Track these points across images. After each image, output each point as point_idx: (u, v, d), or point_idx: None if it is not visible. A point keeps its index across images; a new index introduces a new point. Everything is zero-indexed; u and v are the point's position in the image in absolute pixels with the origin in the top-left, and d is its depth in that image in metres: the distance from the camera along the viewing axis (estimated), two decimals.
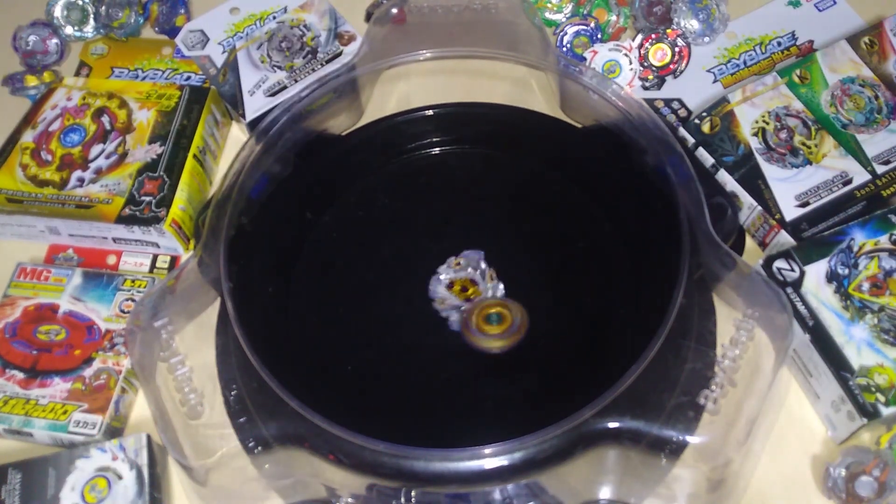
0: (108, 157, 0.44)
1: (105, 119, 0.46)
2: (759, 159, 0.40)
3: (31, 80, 0.50)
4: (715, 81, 0.46)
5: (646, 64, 0.46)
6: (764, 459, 0.34)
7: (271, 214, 0.38)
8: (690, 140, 0.42)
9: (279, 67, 0.47)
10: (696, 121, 0.42)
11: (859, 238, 0.37)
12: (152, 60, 0.50)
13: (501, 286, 0.35)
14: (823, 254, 0.37)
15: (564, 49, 0.48)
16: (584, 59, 0.47)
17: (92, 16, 0.52)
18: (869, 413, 0.33)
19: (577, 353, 0.34)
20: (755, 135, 0.41)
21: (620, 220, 0.37)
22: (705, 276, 0.33)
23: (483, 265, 0.36)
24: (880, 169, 0.40)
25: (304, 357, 0.35)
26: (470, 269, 0.35)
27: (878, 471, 0.33)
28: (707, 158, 0.41)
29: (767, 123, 0.41)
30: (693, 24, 0.47)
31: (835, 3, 0.48)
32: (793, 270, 0.36)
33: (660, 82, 0.46)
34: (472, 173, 0.42)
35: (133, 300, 0.40)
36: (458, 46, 0.40)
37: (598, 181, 0.39)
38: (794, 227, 0.39)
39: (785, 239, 0.39)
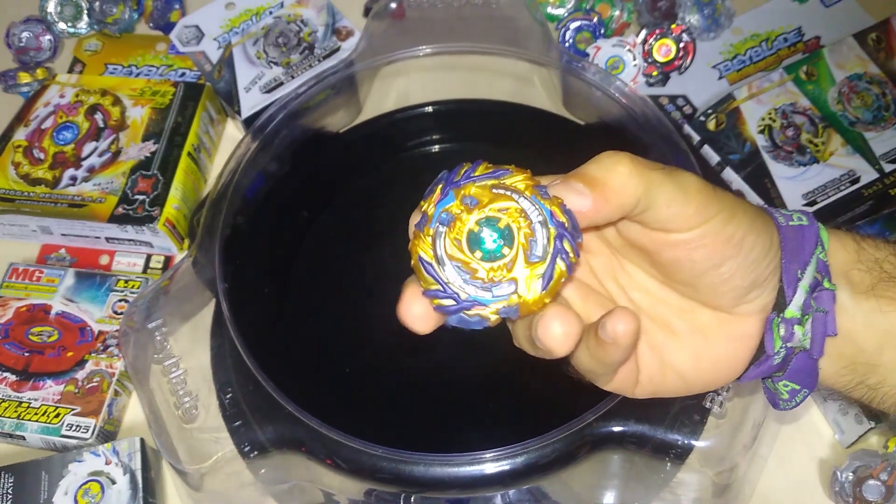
0: (101, 155, 0.43)
1: (98, 116, 0.45)
2: (766, 157, 0.40)
3: (24, 77, 0.49)
4: (720, 78, 0.45)
5: (650, 60, 0.45)
6: (770, 463, 0.34)
7: (267, 213, 0.38)
8: (696, 137, 0.41)
9: (275, 63, 0.46)
10: (702, 118, 0.41)
11: None
12: (146, 57, 0.49)
13: None
14: None
15: (567, 44, 0.47)
16: (587, 54, 0.46)
17: (85, 12, 0.51)
18: (877, 416, 0.33)
19: None
20: (761, 132, 0.41)
21: None
22: None
23: None
24: (888, 167, 0.39)
25: (301, 359, 0.35)
26: None
27: (885, 475, 0.33)
28: (713, 156, 0.41)
29: (774, 121, 0.41)
30: (698, 20, 0.46)
31: None
32: None
33: (664, 78, 0.46)
34: None
35: (126, 301, 0.39)
36: (458, 42, 0.39)
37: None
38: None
39: None
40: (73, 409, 0.36)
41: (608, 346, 0.19)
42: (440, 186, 0.19)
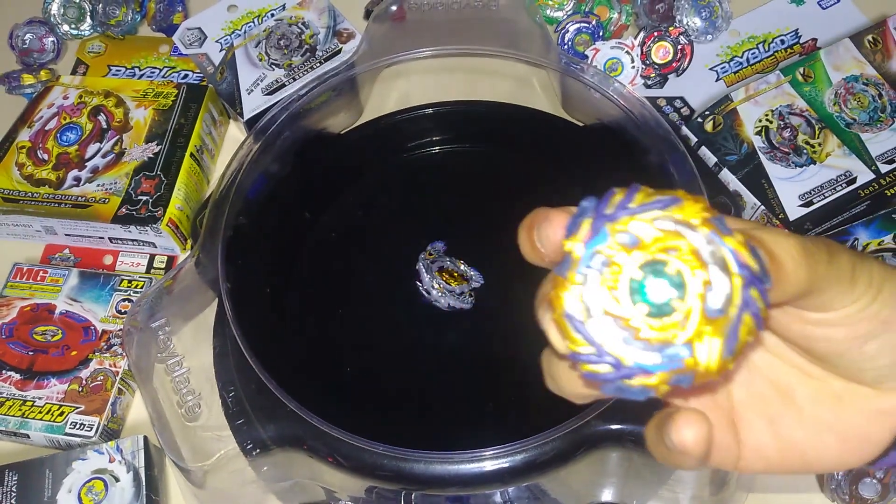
0: (104, 156, 0.44)
1: (102, 118, 0.45)
2: (763, 158, 0.40)
3: (28, 79, 0.49)
4: (718, 80, 0.46)
5: (648, 62, 0.46)
6: None
7: (269, 214, 0.38)
8: (693, 139, 0.42)
9: (277, 65, 0.46)
10: (699, 119, 0.42)
11: (863, 238, 0.37)
12: (149, 58, 0.49)
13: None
14: None
15: (566, 47, 0.47)
16: (586, 56, 0.46)
17: (89, 14, 0.51)
18: None
19: None
20: (758, 133, 0.41)
21: None
22: None
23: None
24: (884, 168, 0.40)
25: (303, 358, 0.35)
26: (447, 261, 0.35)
27: (881, 472, 0.33)
28: (710, 157, 0.41)
29: (771, 122, 0.41)
30: (696, 22, 0.47)
31: (838, 0, 0.48)
32: None
33: (662, 80, 0.46)
34: (473, 173, 0.41)
35: (130, 301, 0.39)
36: (459, 44, 0.40)
37: (600, 180, 0.38)
38: (797, 227, 0.38)
39: None
40: (77, 408, 0.36)
41: (675, 455, 0.16)
42: (589, 220, 0.15)
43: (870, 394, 0.18)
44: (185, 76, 0.48)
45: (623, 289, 0.14)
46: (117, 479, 0.33)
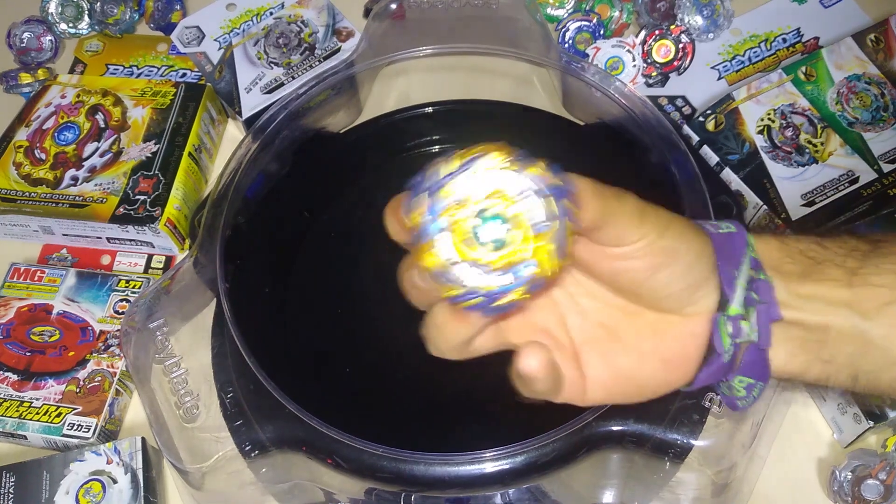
0: (102, 155, 0.44)
1: (99, 117, 0.45)
2: (765, 157, 0.40)
3: (26, 78, 0.49)
4: (719, 78, 0.46)
5: (649, 60, 0.46)
6: (769, 463, 0.34)
7: (268, 214, 0.38)
8: (695, 138, 0.41)
9: (276, 64, 0.46)
10: (701, 118, 0.42)
11: None
12: (147, 57, 0.49)
13: None
14: None
15: (567, 45, 0.47)
16: (587, 55, 0.46)
17: (86, 12, 0.51)
18: (875, 416, 0.33)
19: None
20: (760, 133, 0.41)
21: None
22: None
23: None
24: (887, 167, 0.39)
25: (302, 359, 0.35)
26: None
27: (884, 474, 0.33)
28: (711, 157, 0.41)
29: (773, 121, 0.41)
30: (697, 21, 0.46)
31: None
32: None
33: (663, 79, 0.46)
34: None
35: (128, 301, 0.39)
36: (459, 42, 0.40)
37: (600, 180, 0.38)
38: (799, 227, 0.38)
39: None
40: (74, 409, 0.36)
41: (528, 381, 0.21)
42: (423, 196, 0.19)
43: (678, 321, 0.22)
44: (184, 75, 0.48)
45: (467, 237, 0.18)
46: (115, 481, 0.33)
